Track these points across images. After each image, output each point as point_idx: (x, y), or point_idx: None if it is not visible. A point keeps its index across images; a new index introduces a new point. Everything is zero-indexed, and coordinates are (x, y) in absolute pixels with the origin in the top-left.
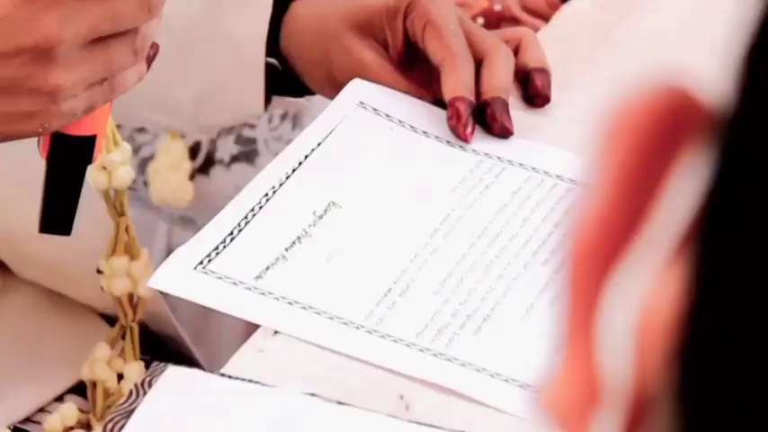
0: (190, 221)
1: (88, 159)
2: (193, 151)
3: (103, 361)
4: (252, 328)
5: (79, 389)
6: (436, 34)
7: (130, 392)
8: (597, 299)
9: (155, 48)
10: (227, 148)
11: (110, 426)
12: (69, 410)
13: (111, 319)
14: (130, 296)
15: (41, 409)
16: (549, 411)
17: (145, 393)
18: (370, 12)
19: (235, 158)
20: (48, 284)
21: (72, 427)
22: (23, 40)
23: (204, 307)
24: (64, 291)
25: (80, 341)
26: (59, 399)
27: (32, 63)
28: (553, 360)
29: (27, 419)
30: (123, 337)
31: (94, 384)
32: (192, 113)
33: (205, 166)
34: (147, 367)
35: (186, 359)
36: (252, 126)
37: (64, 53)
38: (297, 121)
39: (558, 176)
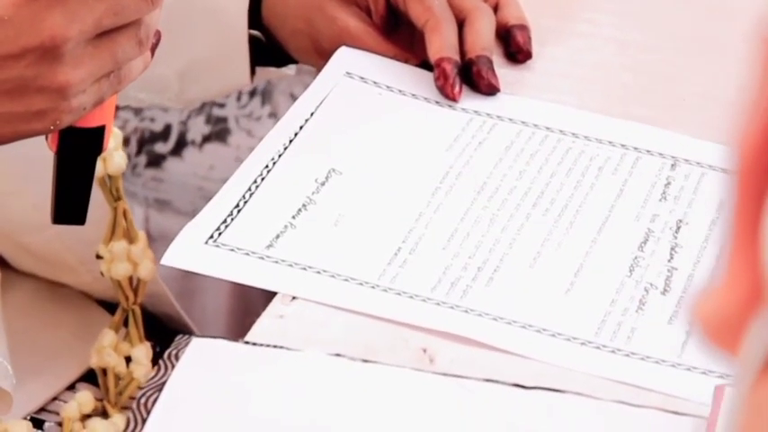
0: (166, 204)
1: (98, 150)
2: (164, 134)
3: (111, 347)
4: (237, 302)
5: (88, 377)
6: None
7: (158, 366)
8: (763, 207)
9: (157, 35)
10: (198, 129)
11: (143, 400)
12: (85, 398)
13: (110, 306)
14: (130, 279)
15: (54, 399)
16: (704, 322)
17: (173, 366)
18: None
19: (207, 138)
20: (47, 275)
21: (89, 415)
22: (30, 41)
23: (187, 285)
24: (63, 280)
25: (83, 330)
26: (70, 388)
27: (40, 62)
28: (715, 271)
29: (42, 409)
30: (125, 322)
31: (104, 371)
32: (178, 88)
33: (177, 148)
34: (153, 348)
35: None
36: (221, 105)
37: (70, 50)
38: (266, 97)
39: (547, 128)
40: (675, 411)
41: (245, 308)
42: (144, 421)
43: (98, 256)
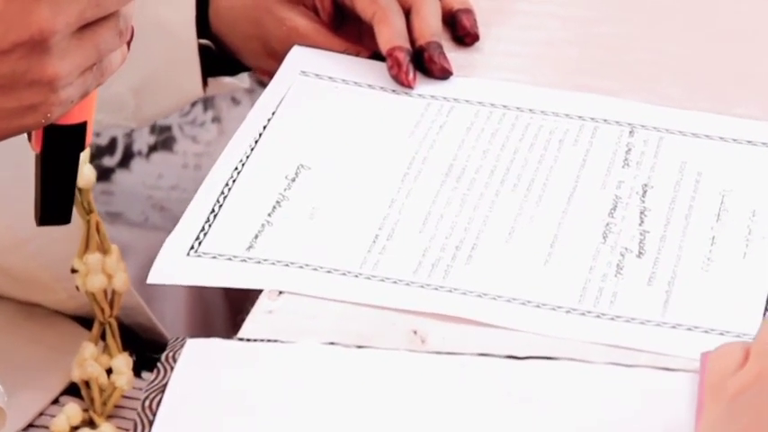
0: (117, 216)
1: (81, 146)
2: (111, 147)
3: (92, 359)
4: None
5: (70, 391)
6: None
7: (157, 369)
8: None
9: (131, 30)
10: (143, 139)
11: (147, 403)
12: (73, 410)
13: (85, 322)
14: (104, 292)
15: (41, 414)
16: None
17: (172, 368)
18: None
19: (153, 148)
20: (22, 296)
21: (77, 427)
22: (19, 35)
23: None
24: (38, 300)
25: (61, 345)
26: (54, 402)
27: (29, 56)
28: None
29: (30, 425)
30: (103, 334)
31: (87, 383)
32: (134, 106)
33: (125, 160)
34: (132, 354)
35: (160, 345)
36: None
37: (57, 43)
38: (208, 104)
39: (504, 106)
40: (667, 368)
41: (204, 311)
42: (151, 423)
43: (73, 270)
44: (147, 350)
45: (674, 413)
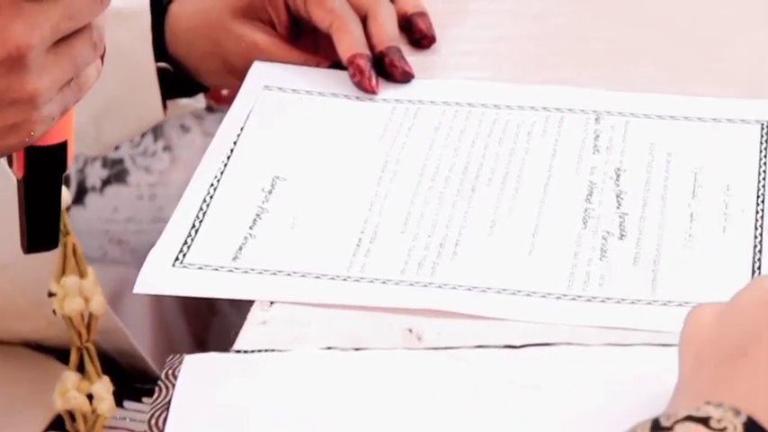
0: None
1: (63, 166)
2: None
3: (74, 388)
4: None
5: (55, 425)
6: (318, 2)
7: (160, 387)
8: None
9: (104, 43)
10: (96, 174)
11: (153, 421)
12: None
13: (64, 355)
14: (81, 315)
15: None
16: None
17: (173, 385)
18: None
19: (106, 182)
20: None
21: None
22: None
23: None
24: (16, 328)
25: (41, 383)
26: None
27: (8, 74)
28: None
29: None
30: (80, 360)
31: (70, 413)
32: (94, 134)
33: (79, 196)
34: (112, 382)
35: (139, 371)
36: (115, 147)
37: (34, 59)
38: (158, 133)
39: (469, 104)
40: (662, 344)
41: (167, 336)
42: None
43: (50, 294)
44: (128, 378)
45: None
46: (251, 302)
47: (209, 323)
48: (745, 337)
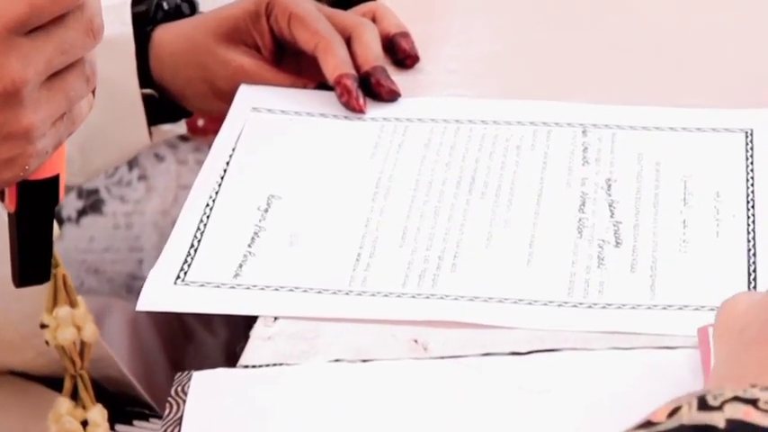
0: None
1: (56, 200)
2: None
3: (68, 414)
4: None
5: None
6: (302, 24)
7: (170, 403)
8: None
9: (96, 76)
10: (71, 205)
11: None
12: None
13: (54, 383)
14: (74, 344)
15: None
16: None
17: (184, 401)
18: (233, 20)
19: (82, 212)
20: None
21: None
22: None
23: None
24: (5, 360)
25: (34, 412)
26: None
27: (4, 109)
28: None
29: None
30: (74, 388)
31: None
32: (80, 162)
33: None
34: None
35: (128, 397)
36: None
37: (29, 93)
38: (132, 163)
39: (456, 121)
40: (666, 346)
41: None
42: None
43: (43, 326)
44: (117, 402)
45: (677, 388)
46: (226, 328)
47: (185, 349)
48: None
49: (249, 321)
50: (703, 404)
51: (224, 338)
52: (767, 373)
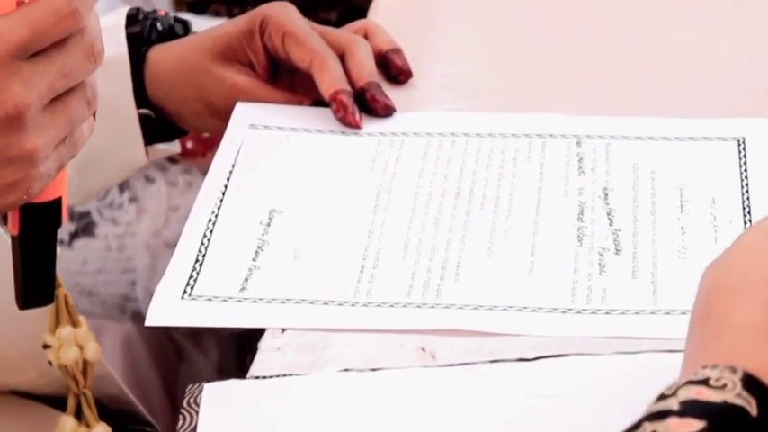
0: None
1: (58, 222)
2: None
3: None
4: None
5: None
6: (296, 42)
7: (183, 415)
8: None
9: (97, 99)
10: (63, 228)
11: None
12: None
13: (56, 402)
14: (76, 363)
15: None
16: None
17: (196, 412)
18: (227, 39)
19: (74, 235)
20: None
21: None
22: None
23: None
24: (6, 381)
25: (33, 426)
26: None
27: (7, 133)
28: None
29: None
30: (78, 407)
31: None
32: (77, 183)
33: None
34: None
35: (129, 415)
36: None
37: (32, 117)
38: (123, 185)
39: (452, 134)
40: (670, 350)
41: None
42: None
43: (45, 346)
44: (121, 421)
45: None
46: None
47: (177, 369)
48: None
49: (240, 341)
50: (660, 396)
51: (215, 358)
52: (704, 353)
